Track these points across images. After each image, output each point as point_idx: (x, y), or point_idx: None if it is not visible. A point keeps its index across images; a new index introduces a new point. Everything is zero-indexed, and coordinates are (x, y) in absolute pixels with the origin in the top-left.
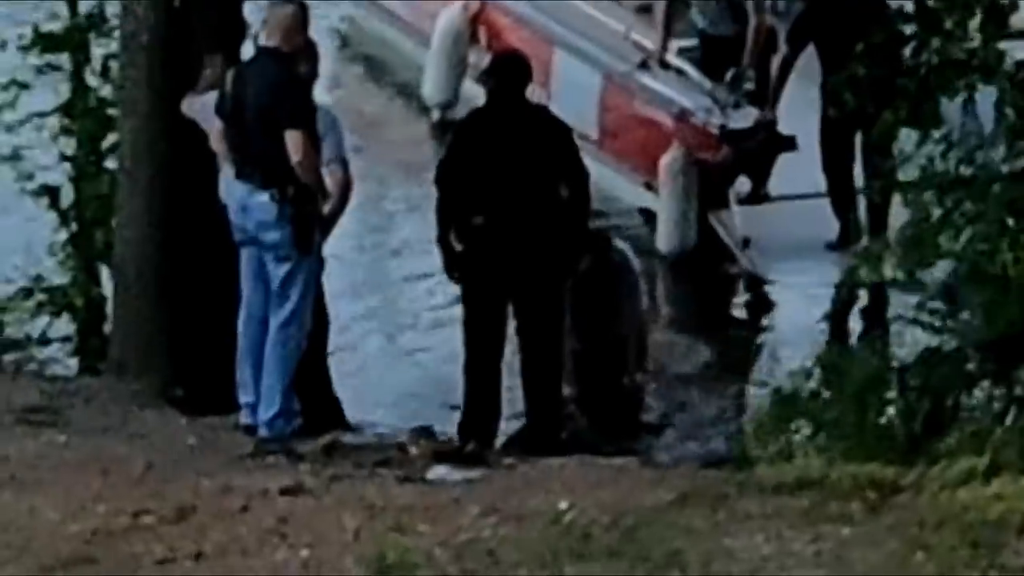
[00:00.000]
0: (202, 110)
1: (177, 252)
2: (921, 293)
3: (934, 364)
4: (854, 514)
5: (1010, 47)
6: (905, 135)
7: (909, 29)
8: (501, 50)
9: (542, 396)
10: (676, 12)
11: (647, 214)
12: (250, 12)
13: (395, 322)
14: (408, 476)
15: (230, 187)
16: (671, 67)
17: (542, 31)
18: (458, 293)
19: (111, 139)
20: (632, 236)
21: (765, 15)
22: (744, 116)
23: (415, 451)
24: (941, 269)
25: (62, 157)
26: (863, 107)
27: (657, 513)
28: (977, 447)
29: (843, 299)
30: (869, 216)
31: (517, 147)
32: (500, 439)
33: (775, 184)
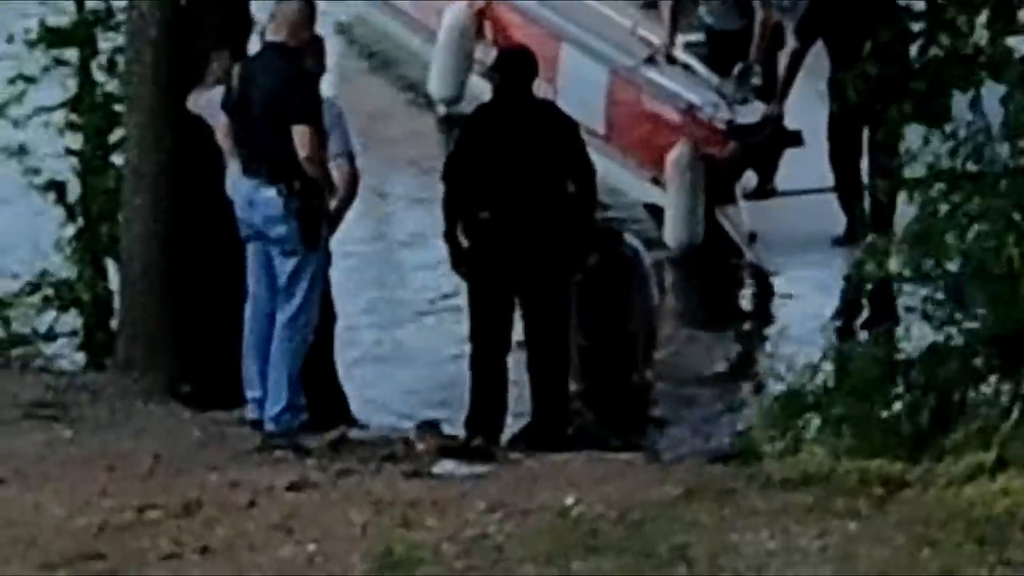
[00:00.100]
0: (208, 105)
1: (184, 247)
2: (928, 289)
3: (941, 360)
4: (860, 509)
5: (1018, 43)
6: (911, 133)
7: (917, 26)
8: (507, 45)
9: (549, 391)
10: (683, 7)
11: (653, 209)
12: (257, 7)
13: (399, 315)
14: (415, 471)
15: (236, 182)
16: (678, 62)
17: (548, 26)
18: (463, 287)
19: (118, 134)
20: (638, 231)
21: (772, 10)
22: (751, 111)
23: (422, 446)
24: (948, 265)
25: (68, 152)
26: (870, 103)
27: (663, 508)
28: (983, 443)
29: (850, 294)
30: (875, 212)
31: (524, 142)
32: (506, 434)
33: (782, 179)
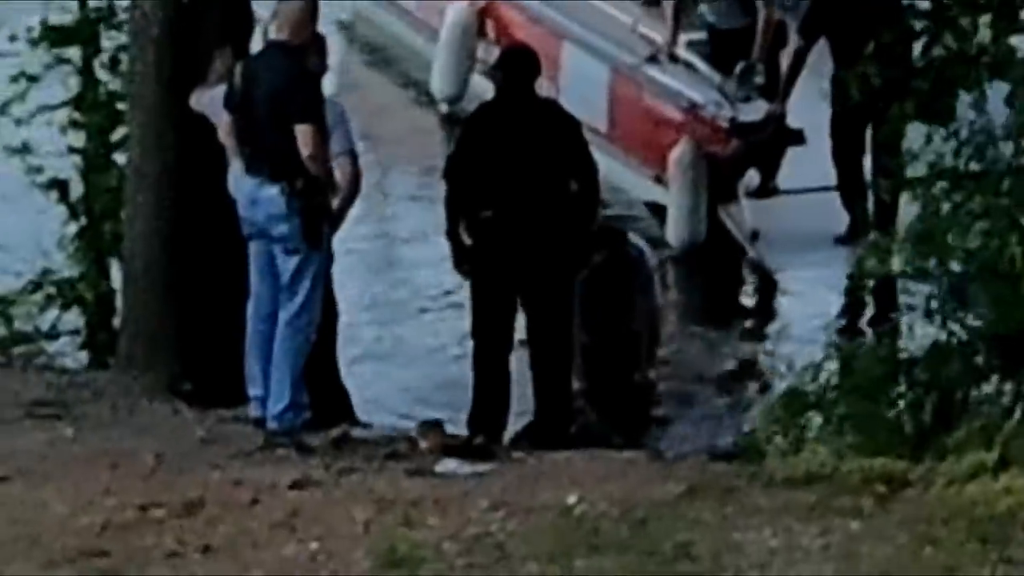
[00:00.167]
0: (211, 103)
1: (186, 246)
2: (930, 287)
3: (943, 359)
4: (863, 508)
5: (1021, 42)
6: (913, 132)
7: (920, 25)
8: (510, 44)
9: (551, 390)
10: (685, 5)
11: (656, 208)
12: (259, 6)
13: (400, 313)
14: (417, 469)
15: (239, 181)
16: (680, 60)
17: (550, 25)
18: (464, 285)
19: (120, 132)
20: (639, 229)
21: (774, 8)
22: (754, 109)
23: (424, 445)
24: (950, 264)
25: (71, 150)
26: (873, 102)
27: (666, 506)
28: (986, 442)
29: (852, 293)
30: (877, 211)
31: (526, 141)
32: (509, 433)
33: (784, 178)
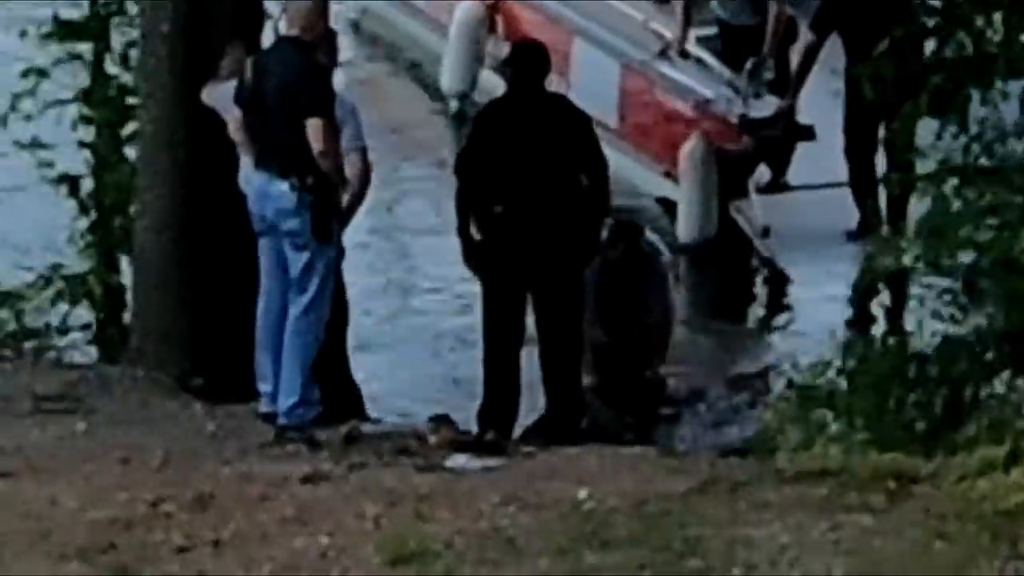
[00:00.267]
0: (222, 99)
1: (196, 241)
2: (941, 283)
3: (954, 354)
4: (874, 503)
5: None
6: (923, 128)
7: (932, 22)
8: (520, 40)
9: (562, 385)
10: (695, 1)
11: (666, 203)
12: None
13: (409, 307)
14: (428, 464)
15: (249, 176)
16: (691, 56)
17: (561, 20)
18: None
19: (131, 127)
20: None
21: (785, 4)
22: (764, 105)
23: (434, 440)
24: (961, 259)
25: (82, 145)
26: (887, 98)
27: (677, 501)
28: (996, 437)
29: (863, 288)
30: (890, 207)
31: (537, 136)
32: (519, 428)
33: (794, 173)
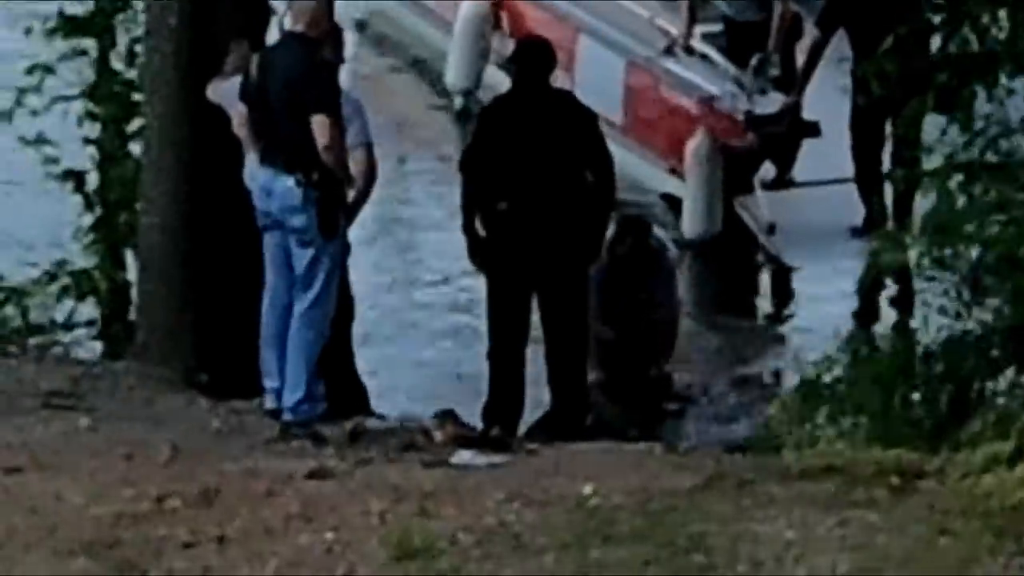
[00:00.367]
0: (227, 95)
1: (201, 237)
2: (946, 279)
3: (959, 350)
4: (879, 499)
5: None
6: (929, 124)
7: (937, 18)
8: (525, 36)
9: (567, 382)
10: None
11: (671, 200)
12: None
13: (412, 303)
14: (433, 461)
15: (254, 172)
16: (696, 53)
17: (566, 17)
18: (472, 272)
19: (136, 123)
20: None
21: (790, 1)
22: (769, 102)
23: (440, 436)
24: (966, 255)
25: (87, 141)
26: (893, 95)
27: (682, 498)
28: (1001, 433)
29: (868, 285)
30: (894, 203)
31: (542, 133)
32: (524, 425)
33: (800, 170)
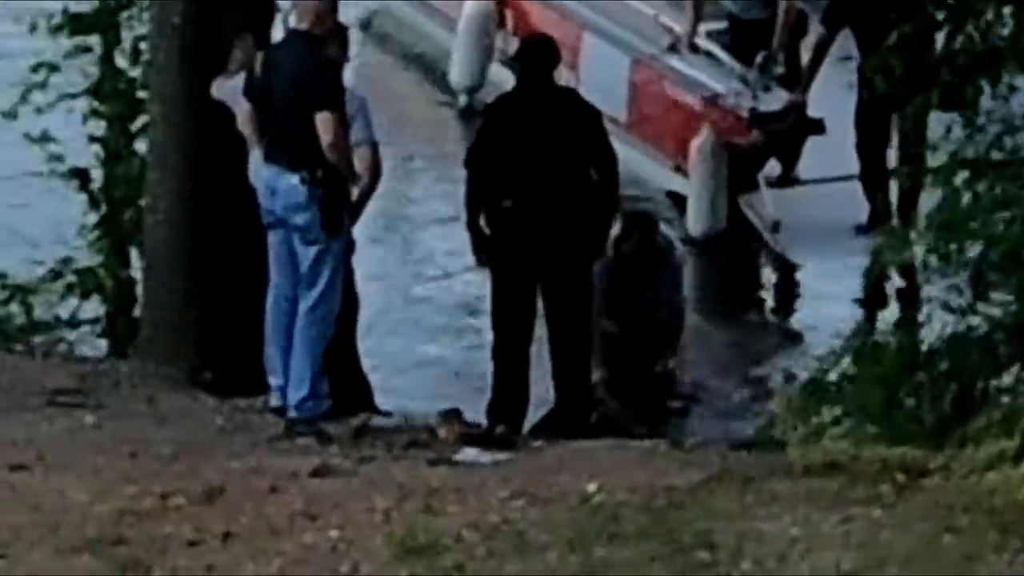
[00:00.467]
0: (232, 92)
1: (206, 234)
2: (951, 276)
3: (964, 348)
4: (883, 497)
5: None
6: (934, 122)
7: (942, 15)
8: (529, 34)
9: (571, 379)
10: None
11: (676, 197)
12: None
13: (416, 299)
14: (437, 458)
15: (258, 170)
16: (701, 50)
17: (570, 14)
18: (472, 266)
19: (141, 121)
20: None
21: None
22: (774, 99)
23: (444, 433)
24: (971, 252)
25: (92, 139)
26: (898, 91)
27: (686, 495)
28: (1006, 430)
29: (872, 282)
30: (899, 201)
31: (546, 131)
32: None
33: (805, 167)
